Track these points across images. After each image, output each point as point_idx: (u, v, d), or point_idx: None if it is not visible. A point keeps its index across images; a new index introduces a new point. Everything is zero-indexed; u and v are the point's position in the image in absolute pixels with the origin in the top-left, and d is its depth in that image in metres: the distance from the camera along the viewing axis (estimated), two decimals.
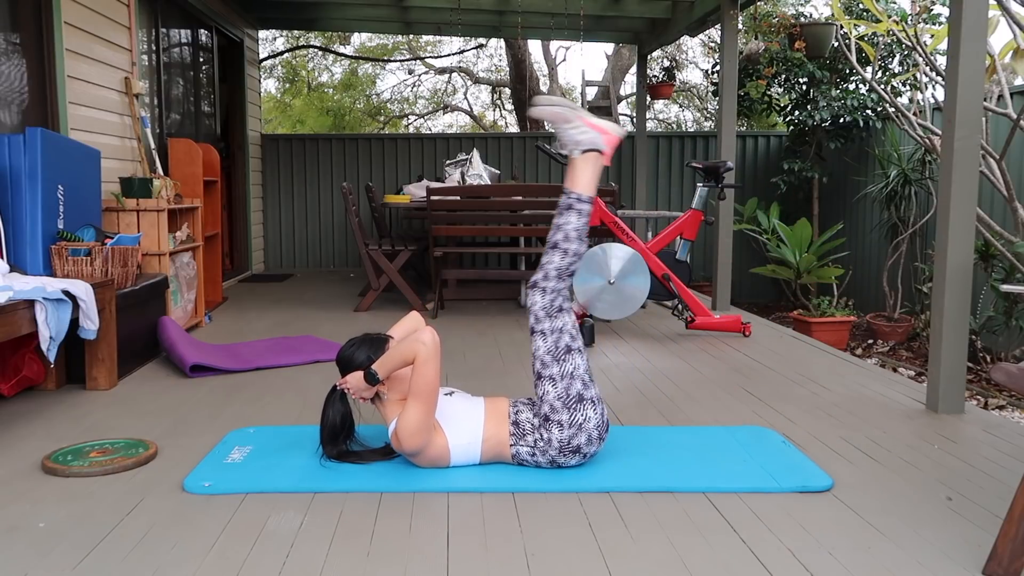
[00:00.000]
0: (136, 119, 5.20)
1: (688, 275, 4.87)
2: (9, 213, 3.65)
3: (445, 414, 2.49)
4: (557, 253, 2.55)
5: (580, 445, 2.46)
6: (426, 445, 2.43)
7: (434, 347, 2.38)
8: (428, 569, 1.90)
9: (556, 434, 2.45)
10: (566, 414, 2.45)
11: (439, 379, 2.41)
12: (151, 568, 1.90)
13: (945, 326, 3.21)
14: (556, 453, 2.47)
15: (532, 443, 2.48)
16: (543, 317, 2.52)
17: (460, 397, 2.59)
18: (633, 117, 12.83)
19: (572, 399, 2.46)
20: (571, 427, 2.45)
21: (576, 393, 2.47)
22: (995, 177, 4.97)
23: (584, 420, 2.46)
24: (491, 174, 6.85)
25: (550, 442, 2.46)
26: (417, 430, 2.39)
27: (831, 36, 7.39)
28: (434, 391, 2.39)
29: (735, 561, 1.95)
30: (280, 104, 18.31)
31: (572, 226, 2.56)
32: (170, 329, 4.12)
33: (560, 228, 2.56)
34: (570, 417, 2.45)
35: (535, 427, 2.48)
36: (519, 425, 2.50)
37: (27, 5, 4.18)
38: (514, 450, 2.50)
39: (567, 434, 2.45)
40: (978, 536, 2.08)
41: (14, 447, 2.77)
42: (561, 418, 2.45)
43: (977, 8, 3.11)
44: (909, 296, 6.81)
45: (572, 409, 2.45)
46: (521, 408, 2.56)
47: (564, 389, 2.47)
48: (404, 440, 2.41)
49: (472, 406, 2.54)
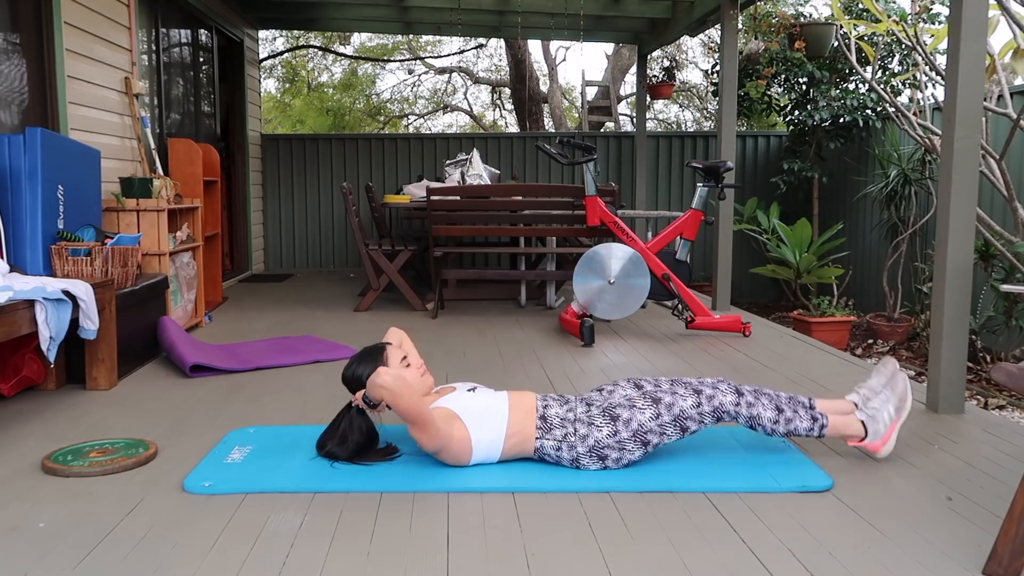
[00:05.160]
0: (136, 119, 5.20)
1: (688, 275, 4.87)
2: (9, 213, 3.65)
3: (470, 412, 2.50)
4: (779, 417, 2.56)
5: (608, 456, 2.48)
6: (447, 443, 2.45)
7: (396, 386, 2.34)
8: (428, 569, 1.90)
9: (600, 435, 2.46)
10: (627, 434, 2.47)
11: (419, 401, 2.39)
12: (151, 568, 1.90)
13: (945, 326, 3.21)
14: (585, 451, 2.48)
15: (560, 437, 2.49)
16: (712, 421, 2.54)
17: (483, 393, 2.59)
18: (633, 117, 12.83)
19: (643, 434, 2.48)
20: (618, 444, 2.47)
21: (650, 436, 2.49)
22: (995, 177, 4.97)
23: (630, 451, 2.48)
24: (491, 174, 6.85)
25: (586, 438, 2.47)
26: (429, 442, 2.44)
27: (831, 36, 7.39)
28: (420, 414, 2.39)
29: (735, 561, 1.95)
30: (280, 104, 18.31)
31: (804, 427, 2.57)
32: (170, 329, 4.12)
33: (789, 422, 2.56)
34: (630, 438, 2.47)
35: (569, 421, 2.50)
36: (547, 420, 2.51)
37: (27, 5, 4.18)
38: (538, 443, 2.51)
39: (610, 442, 2.46)
40: (978, 536, 2.08)
41: (14, 447, 2.77)
42: (621, 433, 2.46)
43: (977, 8, 3.11)
44: (909, 296, 6.81)
45: (636, 438, 2.47)
46: (551, 403, 2.57)
47: (653, 425, 2.48)
48: (424, 446, 2.47)
49: (496, 402, 2.55)
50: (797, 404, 2.59)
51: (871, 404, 2.63)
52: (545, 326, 5.23)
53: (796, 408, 2.57)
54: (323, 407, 3.28)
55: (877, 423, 2.59)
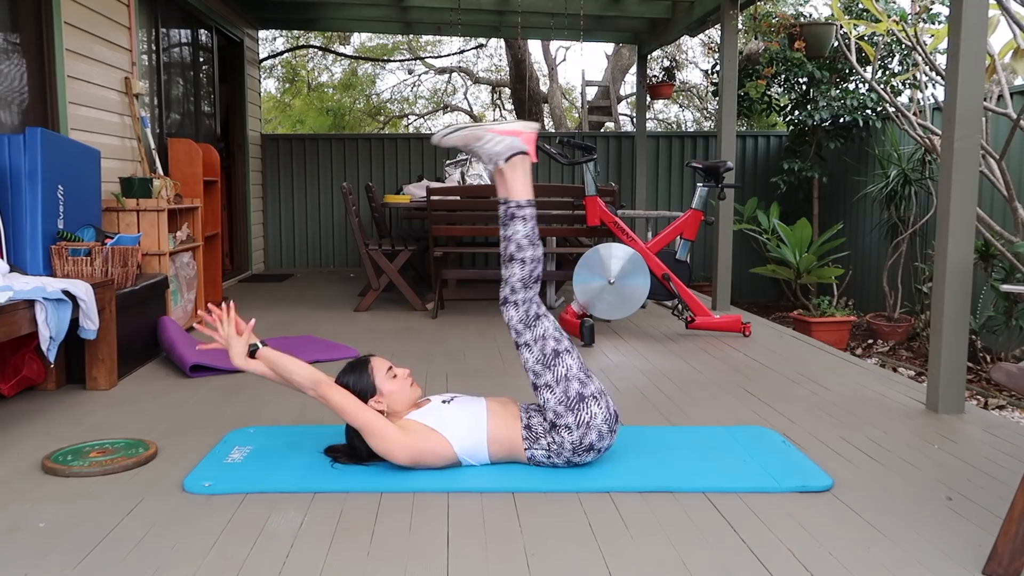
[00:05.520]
0: (136, 119, 5.20)
1: (688, 275, 4.87)
2: (9, 213, 3.65)
3: (443, 420, 2.50)
4: (516, 265, 2.55)
5: (592, 442, 2.47)
6: (418, 455, 2.43)
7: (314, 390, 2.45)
8: (428, 569, 1.90)
9: (567, 437, 2.46)
10: (571, 416, 2.45)
11: (349, 403, 2.42)
12: (151, 568, 1.90)
13: (945, 326, 3.21)
14: (571, 454, 2.48)
15: (547, 446, 2.48)
16: (523, 329, 2.54)
17: (459, 402, 2.58)
18: (633, 117, 12.83)
19: (573, 400, 2.46)
20: (579, 427, 2.45)
21: (576, 393, 2.47)
22: (995, 177, 4.97)
23: (591, 418, 2.46)
24: (491, 174, 6.84)
25: (563, 445, 2.47)
26: (382, 451, 2.42)
27: (831, 36, 7.39)
28: (354, 414, 2.41)
29: (735, 561, 1.95)
30: (280, 104, 18.31)
31: (521, 234, 2.56)
32: (170, 329, 4.13)
33: (510, 240, 2.56)
34: (576, 418, 2.45)
35: (546, 431, 2.49)
36: (531, 429, 2.51)
37: (27, 5, 4.18)
38: (529, 453, 2.50)
39: (577, 435, 2.45)
40: (978, 536, 2.08)
41: (14, 447, 2.77)
42: (567, 421, 2.46)
43: (977, 8, 3.11)
44: (909, 296, 6.81)
45: (576, 410, 2.46)
46: (532, 413, 2.56)
47: (563, 392, 2.47)
48: (395, 458, 2.44)
49: (473, 408, 2.54)
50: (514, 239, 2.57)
51: (485, 155, 2.63)
52: None
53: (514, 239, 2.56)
54: (322, 407, 3.28)
55: (500, 147, 2.59)
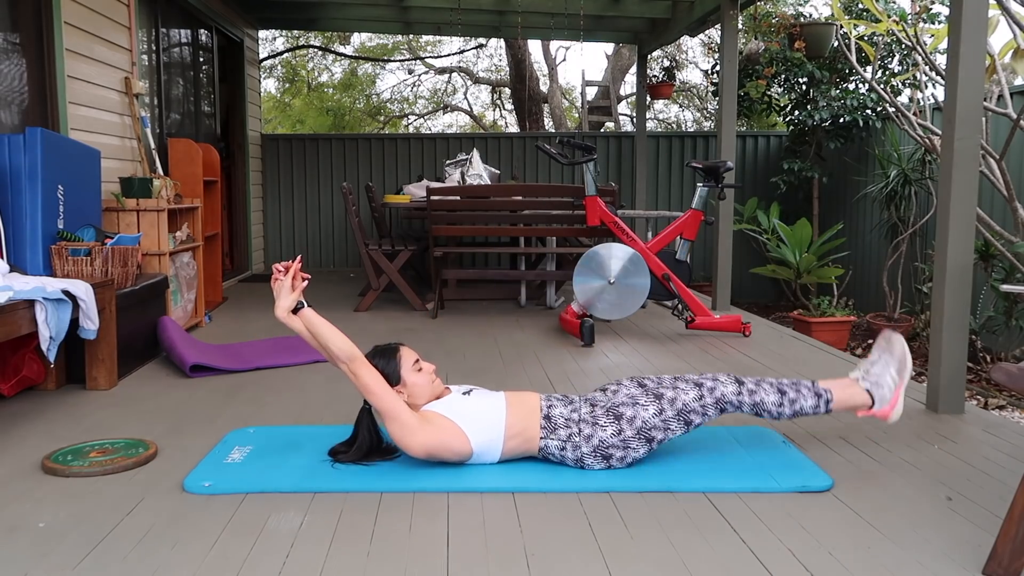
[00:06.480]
0: (136, 119, 5.20)
1: (688, 275, 4.87)
2: (9, 213, 3.65)
3: (463, 413, 2.50)
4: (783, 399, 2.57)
5: (612, 455, 2.48)
6: (434, 449, 2.44)
7: (347, 364, 2.44)
8: (428, 569, 1.90)
9: (604, 435, 2.46)
10: (631, 432, 2.47)
11: (379, 385, 2.44)
12: (151, 568, 1.90)
13: (945, 326, 3.21)
14: (589, 451, 2.47)
15: (565, 437, 2.48)
16: (715, 412, 2.53)
17: (479, 395, 2.59)
18: (633, 117, 12.83)
19: (648, 431, 2.48)
20: (623, 443, 2.46)
21: (655, 432, 2.49)
22: (995, 177, 4.97)
23: (635, 448, 2.48)
24: (491, 174, 6.85)
25: (590, 438, 2.46)
26: (399, 438, 2.42)
27: (831, 36, 7.39)
28: (381, 396, 2.42)
29: (735, 561, 1.95)
30: (280, 104, 18.31)
31: (809, 405, 2.58)
32: (170, 329, 4.12)
33: (794, 402, 2.57)
34: (634, 436, 2.47)
35: (574, 421, 2.49)
36: (551, 419, 2.51)
37: (27, 5, 4.18)
38: (543, 443, 2.50)
39: (614, 442, 2.46)
40: (978, 536, 2.08)
41: (14, 447, 2.77)
42: (626, 431, 2.46)
43: (977, 8, 3.11)
44: (909, 296, 6.81)
45: (641, 435, 2.47)
46: (555, 403, 2.56)
47: (656, 421, 2.48)
48: (410, 449, 2.44)
49: (492, 402, 2.54)
50: (799, 384, 2.60)
51: (872, 371, 2.64)
52: (545, 326, 5.23)
53: (799, 388, 2.58)
54: (323, 407, 3.29)
55: (882, 388, 2.60)
